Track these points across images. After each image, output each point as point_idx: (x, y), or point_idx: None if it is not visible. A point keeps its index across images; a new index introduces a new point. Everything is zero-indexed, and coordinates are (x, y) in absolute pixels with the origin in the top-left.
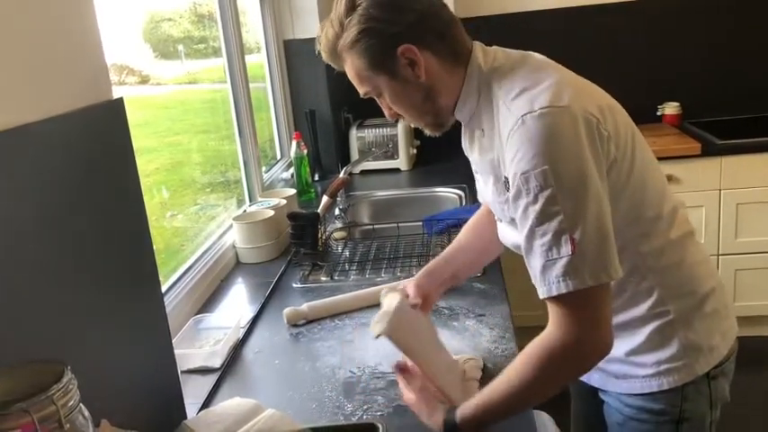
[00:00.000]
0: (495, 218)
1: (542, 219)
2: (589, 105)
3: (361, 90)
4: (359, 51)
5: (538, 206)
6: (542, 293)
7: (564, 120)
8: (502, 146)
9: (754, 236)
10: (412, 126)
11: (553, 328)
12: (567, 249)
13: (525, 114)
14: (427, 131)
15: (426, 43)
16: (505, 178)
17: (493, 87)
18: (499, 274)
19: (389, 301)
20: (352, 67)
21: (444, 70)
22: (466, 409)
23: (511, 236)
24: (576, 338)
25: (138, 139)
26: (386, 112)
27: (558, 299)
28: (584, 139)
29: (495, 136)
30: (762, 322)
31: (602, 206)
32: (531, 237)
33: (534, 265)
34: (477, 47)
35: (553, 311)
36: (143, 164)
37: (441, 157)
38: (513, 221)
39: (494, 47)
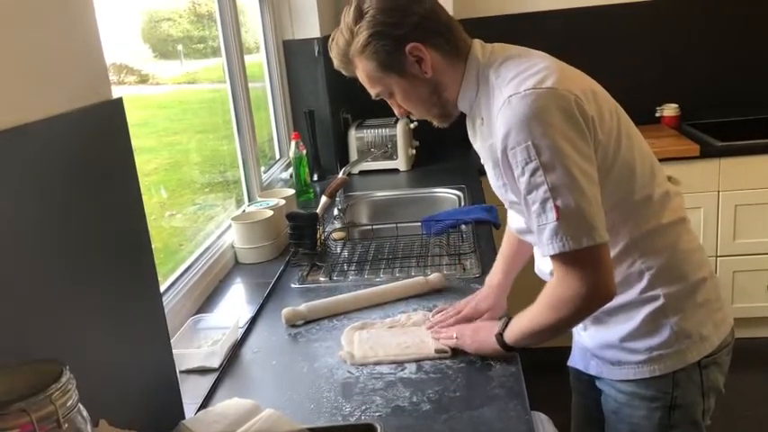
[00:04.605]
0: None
1: (530, 188)
2: (573, 88)
3: (373, 91)
4: (369, 54)
5: (525, 178)
6: (540, 253)
7: (546, 100)
8: (494, 128)
9: (753, 237)
10: (422, 119)
11: (556, 282)
12: (552, 216)
13: (511, 95)
14: (436, 123)
15: (430, 41)
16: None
17: (490, 77)
18: None
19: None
20: (363, 70)
21: (447, 65)
22: (511, 334)
23: (513, 221)
24: (574, 291)
25: (137, 139)
26: (396, 111)
27: (554, 257)
28: (565, 116)
29: (492, 122)
30: (760, 324)
31: (585, 177)
32: (525, 204)
33: (532, 227)
34: (477, 42)
35: (554, 267)
36: (142, 163)
37: (439, 157)
38: (511, 205)
39: (494, 43)
